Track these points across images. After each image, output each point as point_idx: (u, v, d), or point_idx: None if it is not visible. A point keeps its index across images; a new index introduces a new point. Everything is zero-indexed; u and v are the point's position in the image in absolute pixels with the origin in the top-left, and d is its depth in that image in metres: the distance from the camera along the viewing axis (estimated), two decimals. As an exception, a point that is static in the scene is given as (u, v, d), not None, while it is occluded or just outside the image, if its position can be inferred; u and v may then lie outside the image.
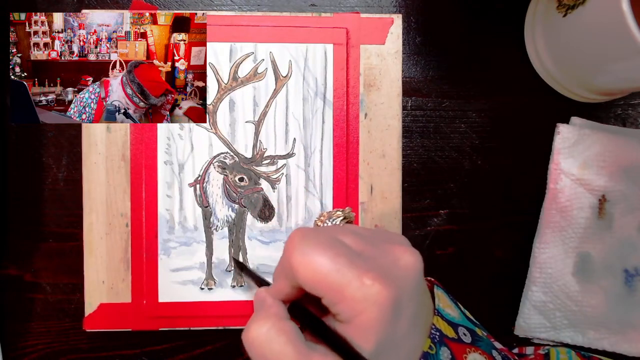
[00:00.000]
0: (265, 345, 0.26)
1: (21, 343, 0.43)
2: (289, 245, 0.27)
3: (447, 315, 0.31)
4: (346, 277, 0.25)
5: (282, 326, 0.27)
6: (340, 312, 0.26)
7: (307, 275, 0.26)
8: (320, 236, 0.27)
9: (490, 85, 0.44)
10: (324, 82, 0.42)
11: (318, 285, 0.26)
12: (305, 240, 0.26)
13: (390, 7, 0.44)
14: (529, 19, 0.44)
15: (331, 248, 0.26)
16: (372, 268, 0.26)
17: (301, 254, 0.26)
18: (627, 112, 0.45)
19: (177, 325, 0.41)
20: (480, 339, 0.32)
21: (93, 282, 0.41)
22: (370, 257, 0.27)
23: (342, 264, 0.25)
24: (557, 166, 0.42)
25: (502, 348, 0.34)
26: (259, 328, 0.27)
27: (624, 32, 0.32)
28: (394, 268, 0.27)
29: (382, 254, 0.28)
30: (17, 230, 0.42)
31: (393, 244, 0.29)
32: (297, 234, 0.27)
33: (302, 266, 0.26)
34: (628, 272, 0.42)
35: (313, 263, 0.26)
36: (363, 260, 0.26)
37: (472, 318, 0.35)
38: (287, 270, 0.27)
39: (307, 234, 0.27)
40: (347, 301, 0.25)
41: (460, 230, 0.44)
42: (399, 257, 0.28)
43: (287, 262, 0.27)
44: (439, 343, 0.29)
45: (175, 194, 0.42)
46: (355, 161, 0.42)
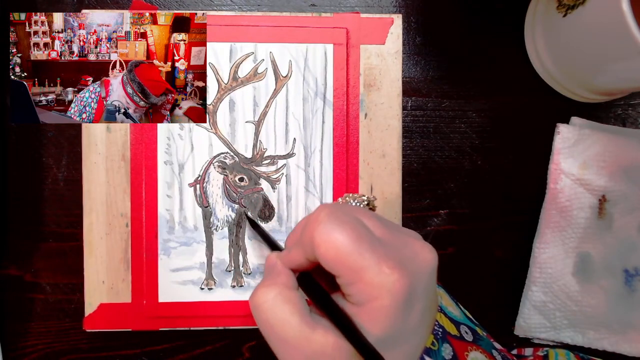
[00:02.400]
0: (270, 312, 0.27)
1: (21, 343, 0.43)
2: (314, 220, 0.27)
3: (450, 313, 0.31)
4: (367, 261, 0.25)
5: (289, 295, 0.27)
6: (353, 293, 0.26)
7: (328, 252, 0.26)
8: (346, 216, 0.27)
9: (490, 85, 0.44)
10: (324, 82, 0.42)
11: (337, 265, 0.26)
12: (332, 218, 0.26)
13: (390, 7, 0.44)
14: (529, 19, 0.44)
15: (355, 230, 0.26)
16: (392, 257, 0.26)
17: (326, 231, 0.26)
18: (627, 112, 0.45)
19: (177, 325, 0.41)
20: (481, 338, 0.32)
21: (93, 282, 0.41)
22: (391, 245, 0.27)
23: (364, 247, 0.25)
24: (557, 166, 0.42)
25: (501, 349, 0.34)
26: (266, 294, 0.27)
27: (624, 32, 0.32)
28: (412, 261, 0.27)
29: (403, 245, 0.28)
30: (17, 230, 0.42)
31: (413, 237, 0.29)
32: (324, 210, 0.27)
33: (325, 243, 0.26)
34: (628, 272, 0.42)
35: (337, 242, 0.25)
36: (384, 247, 0.26)
37: (472, 318, 0.35)
38: (307, 243, 0.27)
39: (334, 211, 0.27)
40: (363, 284, 0.25)
41: (460, 230, 0.44)
42: (418, 251, 0.28)
43: (308, 236, 0.26)
44: (441, 339, 0.29)
45: (175, 194, 0.42)
46: (355, 161, 0.42)
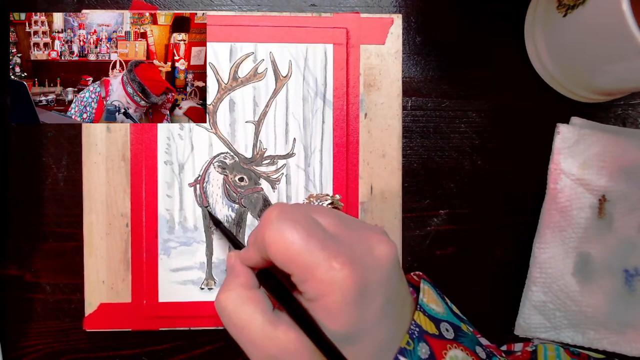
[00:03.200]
0: (233, 313, 0.27)
1: (21, 343, 0.43)
2: (264, 219, 0.27)
3: (431, 311, 0.31)
4: (316, 258, 0.25)
5: (249, 295, 0.27)
6: (306, 291, 0.26)
7: (278, 251, 0.26)
8: (298, 214, 0.27)
9: (490, 85, 0.44)
10: (324, 82, 0.42)
11: (289, 263, 0.26)
12: (282, 217, 0.26)
13: (390, 7, 0.44)
14: (529, 19, 0.44)
15: (305, 228, 0.26)
16: (343, 252, 0.26)
17: (276, 230, 0.26)
18: (627, 112, 0.45)
19: (177, 325, 0.41)
20: (464, 334, 0.32)
21: (93, 282, 0.41)
22: (344, 241, 0.27)
23: (313, 244, 0.26)
24: (557, 166, 0.42)
25: (488, 344, 0.34)
26: (227, 297, 0.28)
27: (624, 32, 0.32)
28: (366, 256, 0.27)
29: (357, 240, 0.28)
30: (17, 230, 0.42)
31: (371, 231, 0.29)
32: (275, 209, 0.27)
33: (274, 242, 0.26)
34: (628, 272, 0.42)
35: (286, 241, 0.26)
36: (336, 243, 0.26)
37: (459, 313, 0.34)
38: (260, 242, 0.27)
39: (284, 210, 0.27)
40: (314, 281, 0.25)
41: (460, 230, 0.44)
42: (374, 245, 0.28)
43: (260, 236, 0.27)
44: (417, 339, 0.29)
45: (175, 194, 0.42)
46: (355, 161, 0.42)
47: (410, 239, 0.44)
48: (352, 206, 0.42)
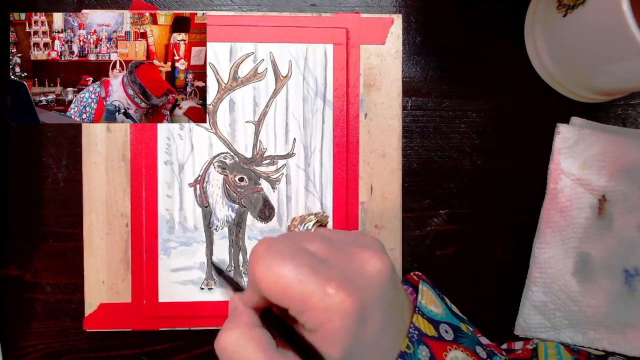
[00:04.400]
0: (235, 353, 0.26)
1: (21, 343, 0.43)
2: (252, 257, 0.27)
3: (429, 313, 0.31)
4: (309, 287, 0.25)
5: (252, 334, 0.27)
6: (306, 321, 0.26)
7: (270, 287, 0.26)
8: (283, 246, 0.27)
9: (490, 85, 0.44)
10: (324, 82, 0.42)
11: (282, 297, 0.26)
12: (268, 252, 0.26)
13: (390, 7, 0.44)
14: (529, 19, 0.44)
15: (293, 258, 0.26)
16: (335, 276, 0.26)
17: (264, 267, 0.26)
18: (627, 112, 0.45)
19: (177, 325, 0.41)
20: (464, 335, 0.32)
21: (93, 282, 0.41)
22: (335, 264, 0.27)
23: (304, 274, 0.25)
24: (557, 166, 0.42)
25: (488, 344, 0.34)
26: (230, 336, 0.27)
27: (624, 32, 0.32)
28: (359, 275, 0.27)
29: (348, 260, 0.27)
30: (17, 230, 0.42)
31: (362, 248, 0.28)
32: (260, 246, 0.27)
33: (264, 278, 0.26)
34: (628, 272, 0.42)
35: (275, 275, 0.25)
36: (327, 268, 0.26)
37: (458, 313, 0.34)
38: (253, 281, 0.27)
39: (270, 244, 0.27)
40: (312, 311, 0.25)
41: (460, 230, 0.44)
42: (365, 262, 0.27)
43: (251, 275, 0.27)
44: (417, 342, 0.29)
45: (175, 194, 0.42)
46: (355, 161, 0.42)
47: (410, 239, 0.44)
48: (352, 206, 0.42)
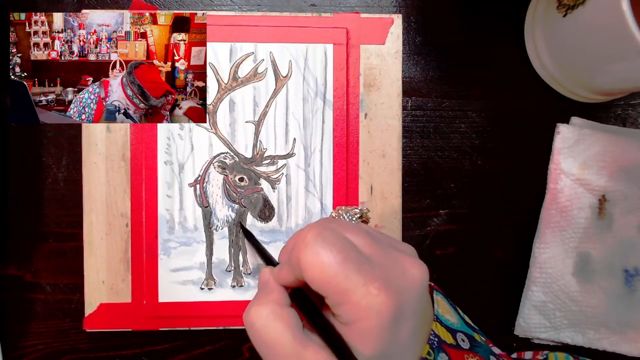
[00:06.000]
0: (263, 329, 0.27)
1: (21, 343, 0.43)
2: (300, 241, 0.26)
3: (446, 321, 0.31)
4: (353, 283, 0.25)
5: (281, 312, 0.27)
6: (342, 314, 0.26)
7: (314, 275, 0.26)
8: (333, 237, 0.27)
9: (490, 85, 0.44)
10: (324, 82, 0.42)
11: (324, 286, 0.26)
12: (319, 240, 0.26)
13: (390, 7, 0.44)
14: (529, 19, 0.44)
15: (341, 251, 0.26)
16: (379, 277, 0.26)
17: (312, 253, 0.26)
18: (627, 112, 0.45)
19: (177, 325, 0.41)
20: (478, 345, 0.32)
21: (93, 282, 0.41)
22: (379, 264, 0.27)
23: (350, 269, 0.25)
24: (557, 166, 0.42)
25: (500, 353, 0.34)
26: (259, 311, 0.27)
27: (624, 32, 0.32)
28: (401, 279, 0.27)
29: (391, 263, 0.27)
30: (17, 230, 0.42)
31: (403, 253, 0.28)
32: (311, 231, 0.27)
33: (311, 266, 0.26)
34: (628, 272, 0.42)
35: (323, 264, 0.25)
36: (372, 266, 0.26)
37: (471, 323, 0.34)
38: (295, 264, 0.27)
39: (320, 232, 0.27)
40: (351, 305, 0.25)
41: (460, 230, 0.44)
42: (407, 268, 0.27)
43: (296, 258, 0.26)
44: (437, 349, 0.29)
45: (175, 194, 0.42)
46: (355, 161, 0.42)
47: (410, 239, 0.44)
48: (352, 206, 0.42)
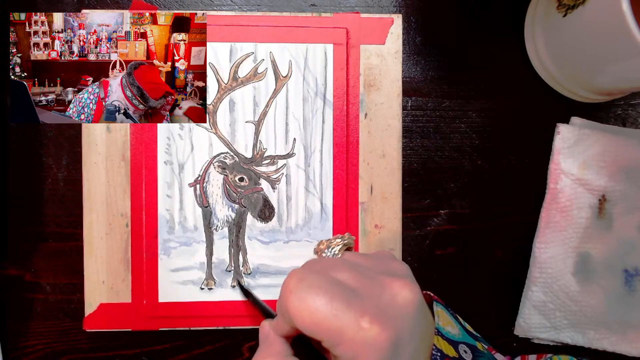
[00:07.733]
0: None
1: (21, 343, 0.43)
2: (285, 289, 0.27)
3: (447, 334, 0.31)
4: (343, 321, 0.25)
5: None
6: (341, 354, 0.26)
7: (304, 321, 0.26)
8: (316, 278, 0.27)
9: (490, 85, 0.44)
10: (324, 82, 0.42)
11: (316, 330, 0.26)
12: (301, 285, 0.26)
13: (390, 7, 0.44)
14: (529, 19, 0.44)
15: (327, 292, 0.26)
16: (368, 309, 0.26)
17: (298, 300, 0.26)
18: (627, 112, 0.45)
19: (177, 325, 0.41)
20: (481, 354, 0.32)
21: (93, 282, 0.41)
22: (367, 295, 0.27)
23: (338, 307, 0.25)
24: (557, 166, 0.42)
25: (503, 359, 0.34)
26: None
27: (624, 32, 0.32)
28: (391, 306, 0.27)
29: (380, 290, 0.27)
30: (17, 230, 0.42)
31: (392, 277, 0.28)
32: (292, 278, 0.27)
33: (299, 312, 0.26)
34: (628, 272, 0.42)
35: (309, 308, 0.26)
36: (360, 299, 0.26)
37: (472, 332, 0.34)
38: (285, 314, 0.27)
39: (302, 277, 0.27)
40: (347, 344, 0.25)
41: (460, 230, 0.44)
42: (397, 292, 0.27)
43: (284, 307, 0.27)
44: None
45: (175, 194, 0.42)
46: (355, 161, 0.42)
47: (410, 239, 0.44)
48: (352, 206, 0.42)
